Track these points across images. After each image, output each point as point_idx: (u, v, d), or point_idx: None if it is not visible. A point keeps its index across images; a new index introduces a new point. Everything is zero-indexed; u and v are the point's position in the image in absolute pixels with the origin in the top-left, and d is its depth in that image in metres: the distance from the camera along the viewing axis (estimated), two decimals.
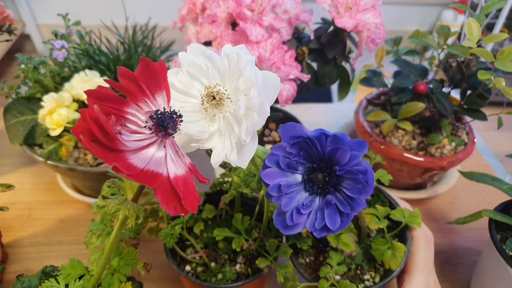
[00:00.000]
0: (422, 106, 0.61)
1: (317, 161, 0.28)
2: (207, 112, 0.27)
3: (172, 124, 0.24)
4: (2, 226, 0.64)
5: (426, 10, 1.96)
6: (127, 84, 0.25)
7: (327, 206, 0.27)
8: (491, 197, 0.75)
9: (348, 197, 0.27)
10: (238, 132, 0.26)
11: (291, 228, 0.30)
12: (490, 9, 0.56)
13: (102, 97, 0.23)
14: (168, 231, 0.43)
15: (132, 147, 0.23)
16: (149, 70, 0.25)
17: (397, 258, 0.43)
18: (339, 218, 0.27)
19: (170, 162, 0.24)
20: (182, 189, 0.24)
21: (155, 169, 0.23)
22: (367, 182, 0.26)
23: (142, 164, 0.23)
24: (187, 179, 0.24)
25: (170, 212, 0.23)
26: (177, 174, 0.24)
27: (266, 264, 0.42)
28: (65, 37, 0.65)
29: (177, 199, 0.23)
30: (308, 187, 0.28)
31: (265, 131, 0.71)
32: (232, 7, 0.52)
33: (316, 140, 0.28)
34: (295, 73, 0.53)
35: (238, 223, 0.45)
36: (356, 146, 0.27)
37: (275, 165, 0.28)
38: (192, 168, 0.25)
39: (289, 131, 0.28)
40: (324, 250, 0.49)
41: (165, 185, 0.24)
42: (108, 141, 0.22)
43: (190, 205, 0.23)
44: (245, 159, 0.26)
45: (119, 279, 0.38)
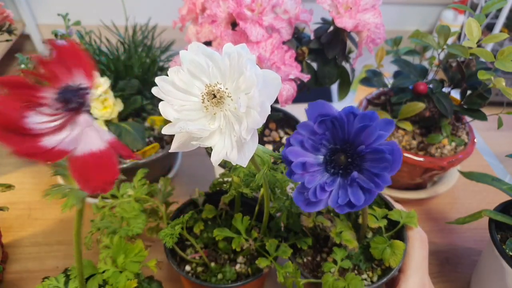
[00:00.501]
0: (422, 106, 0.61)
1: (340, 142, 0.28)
2: (208, 110, 0.27)
3: (74, 98, 0.23)
4: (2, 226, 0.64)
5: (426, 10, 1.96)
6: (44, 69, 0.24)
7: (351, 183, 0.28)
8: (491, 197, 0.75)
9: (373, 174, 0.27)
10: (238, 130, 0.26)
11: (314, 205, 0.30)
12: (490, 9, 0.56)
13: (13, 85, 0.23)
14: (168, 231, 0.43)
15: (45, 129, 0.23)
16: (58, 53, 0.25)
17: (396, 256, 0.44)
18: (363, 195, 0.27)
19: (84, 139, 0.24)
20: (97, 165, 0.23)
21: (66, 148, 0.23)
22: (393, 160, 0.26)
23: (53, 144, 0.23)
24: (103, 155, 0.24)
25: (88, 192, 0.23)
26: (92, 150, 0.24)
27: (266, 264, 0.42)
28: (65, 37, 0.65)
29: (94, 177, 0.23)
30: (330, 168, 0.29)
31: (265, 131, 0.71)
32: (232, 7, 0.52)
33: (344, 118, 0.28)
34: (295, 73, 0.53)
35: (238, 223, 0.45)
36: (383, 125, 0.27)
37: (299, 144, 0.29)
38: (113, 143, 0.24)
39: (317, 109, 0.28)
40: (322, 250, 0.50)
41: (78, 163, 0.23)
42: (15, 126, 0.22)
43: (102, 180, 0.23)
44: (246, 157, 0.26)
45: (126, 277, 0.38)
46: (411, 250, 0.45)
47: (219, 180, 0.52)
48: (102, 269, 0.39)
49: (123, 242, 0.40)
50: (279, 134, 0.71)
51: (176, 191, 0.55)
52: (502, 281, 0.50)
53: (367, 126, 0.27)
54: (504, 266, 0.48)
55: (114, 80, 0.66)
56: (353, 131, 0.28)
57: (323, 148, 0.29)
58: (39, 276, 0.58)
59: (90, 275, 0.39)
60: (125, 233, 0.43)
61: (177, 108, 0.27)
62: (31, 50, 2.33)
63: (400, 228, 0.47)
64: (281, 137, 0.71)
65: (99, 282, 0.38)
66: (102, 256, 0.40)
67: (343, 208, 0.28)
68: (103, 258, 0.40)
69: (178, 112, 0.27)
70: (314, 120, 0.29)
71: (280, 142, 0.70)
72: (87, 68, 0.25)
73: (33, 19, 2.21)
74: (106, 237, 0.43)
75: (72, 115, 0.24)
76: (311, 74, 0.59)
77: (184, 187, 0.76)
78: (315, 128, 0.28)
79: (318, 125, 0.28)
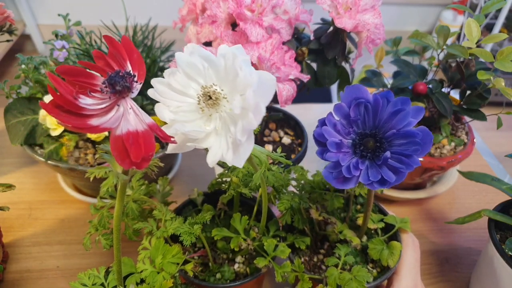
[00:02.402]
0: (421, 106, 0.61)
1: (370, 128, 0.30)
2: (204, 111, 0.27)
3: (121, 82, 0.26)
4: (2, 226, 0.64)
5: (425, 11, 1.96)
6: (99, 62, 0.28)
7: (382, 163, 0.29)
8: (491, 197, 0.75)
9: (404, 156, 0.28)
10: (234, 131, 0.26)
11: (347, 182, 0.31)
12: (490, 9, 0.56)
13: (72, 73, 0.27)
14: (187, 229, 0.43)
15: (95, 110, 0.26)
16: (114, 47, 0.28)
17: (394, 255, 0.45)
18: (393, 175, 0.28)
19: (125, 120, 0.26)
20: (131, 143, 0.25)
21: (109, 126, 0.26)
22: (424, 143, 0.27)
23: (99, 123, 0.26)
24: (139, 135, 0.26)
25: (123, 167, 0.25)
26: (130, 130, 0.26)
27: (264, 263, 0.42)
28: (66, 38, 0.65)
29: (129, 155, 0.25)
30: (358, 151, 0.30)
31: (265, 131, 0.71)
32: (232, 8, 0.52)
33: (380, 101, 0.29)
34: (295, 73, 0.53)
35: (237, 223, 0.45)
36: (414, 112, 0.28)
37: (332, 126, 0.30)
38: (152, 126, 0.27)
39: (354, 93, 0.29)
40: (318, 251, 0.51)
41: (118, 142, 0.26)
42: (69, 106, 0.25)
43: (135, 156, 0.25)
44: (241, 158, 0.26)
45: (163, 277, 0.39)
46: (404, 252, 0.47)
47: (217, 180, 0.53)
48: (141, 269, 0.40)
49: (162, 243, 0.41)
50: (279, 134, 0.71)
51: (175, 191, 0.55)
52: (501, 281, 0.50)
53: (401, 110, 0.28)
54: (504, 265, 0.48)
55: None
56: (385, 116, 0.29)
57: (353, 133, 0.31)
58: (39, 276, 0.59)
59: (128, 274, 0.40)
60: (162, 234, 0.44)
61: (173, 110, 0.27)
62: (31, 50, 2.34)
63: (394, 232, 0.49)
64: (281, 137, 0.71)
65: (137, 280, 0.40)
66: (141, 256, 0.42)
67: (374, 185, 0.29)
68: (141, 259, 0.41)
69: (174, 114, 0.27)
70: (349, 103, 0.30)
71: (280, 142, 0.70)
72: (136, 61, 0.28)
73: (33, 19, 2.21)
74: (145, 240, 0.44)
75: (118, 98, 0.26)
76: (311, 75, 0.59)
77: (184, 187, 0.76)
78: (350, 111, 0.30)
79: (353, 108, 0.30)
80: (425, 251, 0.65)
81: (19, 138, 0.62)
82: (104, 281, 0.39)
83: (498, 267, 0.50)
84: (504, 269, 0.48)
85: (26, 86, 0.65)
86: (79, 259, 0.61)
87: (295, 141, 0.70)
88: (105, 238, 0.46)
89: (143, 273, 0.40)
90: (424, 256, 0.64)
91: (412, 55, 0.70)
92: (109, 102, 0.26)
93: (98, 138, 0.61)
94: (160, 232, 0.44)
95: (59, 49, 0.63)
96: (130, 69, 0.28)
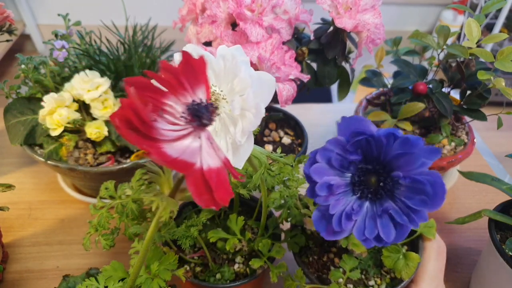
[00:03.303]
0: (421, 106, 0.61)
1: (373, 163, 0.25)
2: None
3: (207, 115, 0.24)
4: (2, 226, 0.64)
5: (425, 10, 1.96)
6: (167, 77, 0.25)
7: (381, 214, 0.25)
8: (491, 197, 0.75)
9: (408, 208, 0.24)
10: (233, 132, 0.26)
11: (337, 234, 0.27)
12: (490, 9, 0.56)
13: (141, 86, 0.23)
14: (184, 232, 0.43)
15: (168, 136, 0.23)
16: (189, 65, 0.25)
17: (410, 268, 0.41)
18: (393, 230, 0.24)
19: (204, 153, 0.24)
20: (215, 182, 0.23)
21: (189, 159, 0.23)
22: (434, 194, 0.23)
23: (176, 153, 0.23)
24: (220, 172, 0.24)
25: (201, 205, 0.23)
26: (210, 166, 0.24)
27: (260, 264, 0.42)
28: (66, 37, 0.65)
29: (209, 192, 0.23)
30: (357, 190, 0.26)
31: (265, 131, 0.71)
32: (232, 8, 0.52)
33: (384, 140, 0.24)
34: (295, 73, 0.53)
35: (233, 224, 0.45)
36: (428, 153, 0.24)
37: (325, 162, 0.25)
38: (226, 162, 0.25)
39: (352, 125, 0.25)
40: (329, 250, 0.48)
41: (198, 176, 0.23)
42: (143, 128, 0.22)
43: (221, 198, 0.23)
44: (241, 159, 0.26)
45: (158, 284, 0.38)
46: (426, 261, 0.43)
47: None
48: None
49: (159, 249, 0.40)
50: (279, 134, 0.71)
51: None
52: (502, 281, 0.50)
53: (409, 153, 0.23)
54: (504, 266, 0.48)
55: (115, 80, 0.67)
56: (391, 155, 0.24)
57: (352, 167, 0.26)
58: (39, 276, 0.59)
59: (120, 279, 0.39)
60: (159, 239, 0.43)
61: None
62: (31, 50, 2.33)
63: (416, 237, 0.45)
64: (281, 137, 0.71)
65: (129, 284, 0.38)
66: (133, 261, 0.40)
67: (370, 242, 0.25)
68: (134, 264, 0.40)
69: None
70: (347, 137, 0.25)
71: (280, 142, 0.70)
72: (208, 85, 0.26)
73: (33, 19, 2.21)
74: (137, 243, 0.43)
75: (197, 129, 0.24)
76: (311, 74, 0.59)
77: (184, 186, 0.76)
78: (348, 147, 0.25)
79: (351, 145, 0.25)
80: None
81: (19, 138, 0.62)
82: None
83: (498, 267, 0.50)
84: (504, 269, 0.48)
85: (26, 86, 0.65)
86: (79, 259, 0.61)
87: (295, 141, 0.70)
88: (105, 238, 0.46)
89: (138, 279, 0.38)
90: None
91: (412, 55, 0.70)
92: (186, 131, 0.24)
93: (98, 138, 0.61)
94: (157, 237, 0.43)
95: (59, 49, 0.63)
96: (205, 95, 0.26)
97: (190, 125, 0.24)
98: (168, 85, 0.25)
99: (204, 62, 0.25)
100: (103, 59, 0.69)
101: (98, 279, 0.38)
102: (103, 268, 0.39)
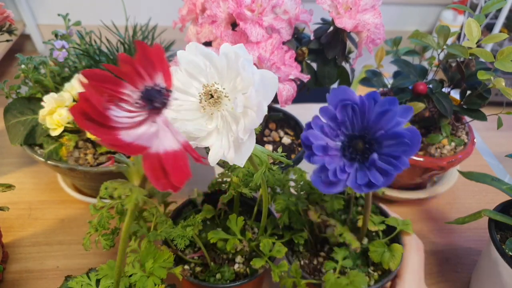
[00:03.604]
0: (421, 106, 0.61)
1: (359, 129, 0.29)
2: (205, 110, 0.27)
3: (159, 98, 0.24)
4: (2, 226, 0.64)
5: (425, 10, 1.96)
6: (125, 68, 0.26)
7: (370, 166, 0.28)
8: (491, 197, 0.75)
9: (392, 157, 0.27)
10: (235, 130, 0.26)
11: (333, 186, 0.30)
12: (490, 9, 0.56)
13: (98, 78, 0.24)
14: (180, 232, 0.43)
15: (124, 123, 0.24)
16: (145, 54, 0.26)
17: (396, 258, 0.45)
18: (381, 177, 0.28)
19: (162, 138, 0.25)
20: (171, 164, 0.24)
21: (143, 143, 0.24)
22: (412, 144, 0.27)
23: (130, 139, 0.24)
24: (178, 155, 0.25)
25: (158, 188, 0.24)
26: (167, 149, 0.24)
27: (261, 264, 0.42)
28: (66, 37, 0.65)
29: (166, 175, 0.24)
30: (347, 153, 0.29)
31: (265, 131, 0.71)
32: (232, 8, 0.52)
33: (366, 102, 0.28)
34: (295, 73, 0.53)
35: (233, 224, 0.45)
36: (402, 112, 0.28)
37: (319, 129, 0.29)
38: (186, 145, 0.25)
39: (339, 95, 0.29)
40: (318, 254, 0.50)
41: (154, 161, 0.24)
42: (98, 117, 0.23)
43: (177, 180, 0.24)
44: (243, 157, 0.26)
45: (153, 282, 0.38)
46: (407, 255, 0.46)
47: (217, 180, 0.52)
48: (130, 273, 0.39)
49: (153, 247, 0.40)
50: (279, 134, 0.71)
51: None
52: (501, 281, 0.50)
53: (387, 110, 0.27)
54: (504, 266, 0.48)
55: None
56: (373, 116, 0.28)
57: (342, 135, 0.30)
58: (39, 276, 0.59)
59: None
60: (154, 237, 0.43)
61: (175, 108, 0.27)
62: (31, 50, 2.33)
63: (396, 234, 0.49)
64: (281, 137, 0.71)
65: (126, 285, 0.39)
66: (130, 259, 0.40)
67: (362, 188, 0.29)
68: (131, 262, 0.40)
69: (176, 112, 0.27)
70: (335, 105, 0.29)
71: (280, 142, 0.70)
72: (166, 72, 0.26)
73: (33, 19, 2.21)
74: (133, 242, 0.43)
75: (153, 113, 0.25)
76: (311, 74, 0.59)
77: (184, 187, 0.76)
78: (337, 114, 0.29)
79: (339, 110, 0.29)
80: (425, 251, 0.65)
81: (19, 138, 0.62)
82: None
83: (498, 267, 0.50)
84: (505, 269, 0.48)
85: (26, 86, 0.65)
86: (79, 259, 0.61)
87: (295, 141, 0.70)
88: (105, 238, 0.46)
89: (132, 277, 0.38)
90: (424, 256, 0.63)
91: (412, 55, 0.70)
92: (142, 117, 0.25)
93: None
94: (152, 236, 0.43)
95: (59, 49, 0.63)
96: (163, 82, 0.26)
97: (144, 110, 0.25)
98: (126, 76, 0.25)
99: (160, 49, 0.26)
100: (103, 59, 0.69)
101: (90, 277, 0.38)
102: (99, 267, 0.39)
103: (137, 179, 0.29)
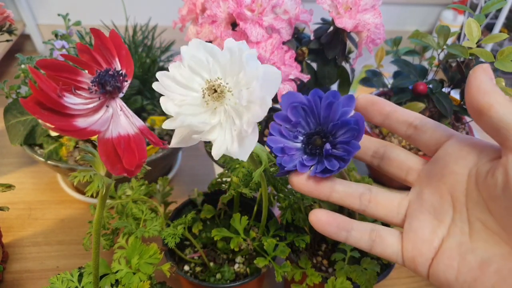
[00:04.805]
0: (422, 106, 0.61)
1: (314, 126, 0.31)
2: (208, 105, 0.27)
3: (111, 82, 0.24)
4: (2, 226, 0.64)
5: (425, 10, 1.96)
6: (84, 57, 0.26)
7: (326, 155, 0.30)
8: None
9: (345, 143, 0.29)
10: (239, 124, 0.26)
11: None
12: (490, 9, 0.56)
13: (54, 68, 0.25)
14: (171, 231, 0.43)
15: (80, 110, 0.24)
16: (101, 41, 0.26)
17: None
18: (337, 163, 0.30)
19: (116, 122, 0.25)
20: (123, 148, 0.24)
21: (97, 128, 0.24)
22: (360, 129, 0.29)
23: (85, 125, 0.24)
24: (132, 139, 0.25)
25: (114, 173, 0.24)
26: (120, 133, 0.25)
27: (265, 263, 0.42)
28: (66, 37, 0.65)
29: (120, 160, 0.24)
30: (308, 150, 0.31)
31: (265, 131, 0.71)
32: (232, 8, 0.52)
33: (312, 101, 0.30)
34: (295, 73, 0.53)
35: (237, 223, 0.45)
36: (347, 101, 0.30)
37: (277, 133, 0.31)
38: (143, 129, 0.25)
39: (289, 99, 0.31)
40: (317, 254, 0.50)
41: (108, 145, 0.24)
42: (53, 105, 0.23)
43: (128, 162, 0.24)
44: (246, 151, 0.26)
45: (139, 278, 0.38)
46: None
47: (217, 180, 0.52)
48: (116, 269, 0.39)
49: (139, 243, 0.40)
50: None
51: (175, 191, 0.55)
52: None
53: (332, 102, 0.29)
54: None
55: None
56: (322, 112, 0.30)
57: (300, 136, 0.31)
58: (39, 276, 0.59)
59: (103, 275, 0.39)
60: (141, 234, 0.43)
61: (178, 103, 0.27)
62: (31, 50, 2.33)
63: None
64: None
65: (112, 281, 0.38)
66: (116, 256, 0.40)
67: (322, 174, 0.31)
68: (117, 258, 0.40)
69: (179, 107, 0.27)
70: (286, 109, 0.31)
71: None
72: (124, 57, 0.26)
73: (33, 19, 2.20)
74: (121, 238, 0.43)
75: (107, 98, 0.25)
76: (311, 74, 0.59)
77: (184, 187, 0.76)
78: (289, 116, 0.31)
79: (290, 112, 0.31)
80: None
81: (19, 138, 0.62)
82: (78, 285, 0.38)
83: None
84: None
85: (26, 86, 0.65)
86: (79, 259, 0.61)
87: None
88: (105, 238, 0.46)
89: (118, 273, 0.38)
90: None
91: (412, 55, 0.70)
92: (97, 102, 0.25)
93: None
94: (139, 232, 0.43)
95: (59, 49, 0.63)
96: (119, 67, 0.26)
97: (97, 95, 0.24)
98: (84, 64, 0.26)
99: (116, 36, 0.26)
100: None
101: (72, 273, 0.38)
102: (86, 264, 0.39)
103: (103, 168, 0.29)
